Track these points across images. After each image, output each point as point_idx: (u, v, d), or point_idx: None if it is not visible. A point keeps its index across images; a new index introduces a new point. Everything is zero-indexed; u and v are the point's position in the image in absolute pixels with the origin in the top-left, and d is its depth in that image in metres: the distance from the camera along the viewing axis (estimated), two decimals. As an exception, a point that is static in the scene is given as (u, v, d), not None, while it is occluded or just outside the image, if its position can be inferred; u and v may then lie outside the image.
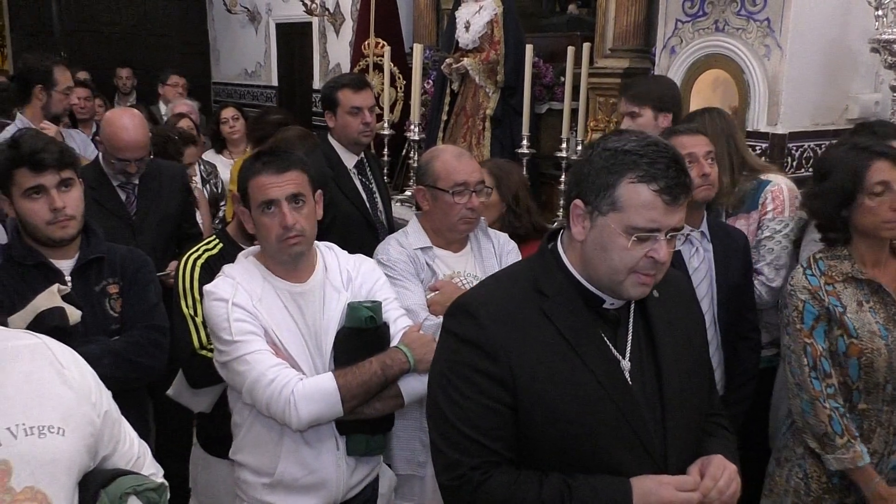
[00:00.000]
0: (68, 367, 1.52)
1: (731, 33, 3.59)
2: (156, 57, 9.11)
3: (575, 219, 1.60)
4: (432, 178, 2.64)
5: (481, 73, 4.92)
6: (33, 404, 1.44)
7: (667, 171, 1.49)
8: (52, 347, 1.53)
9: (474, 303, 1.65)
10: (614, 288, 1.58)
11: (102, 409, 1.56)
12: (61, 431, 1.45)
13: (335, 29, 7.46)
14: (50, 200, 2.24)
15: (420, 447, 2.67)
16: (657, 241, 1.52)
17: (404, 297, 2.54)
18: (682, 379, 1.66)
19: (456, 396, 1.59)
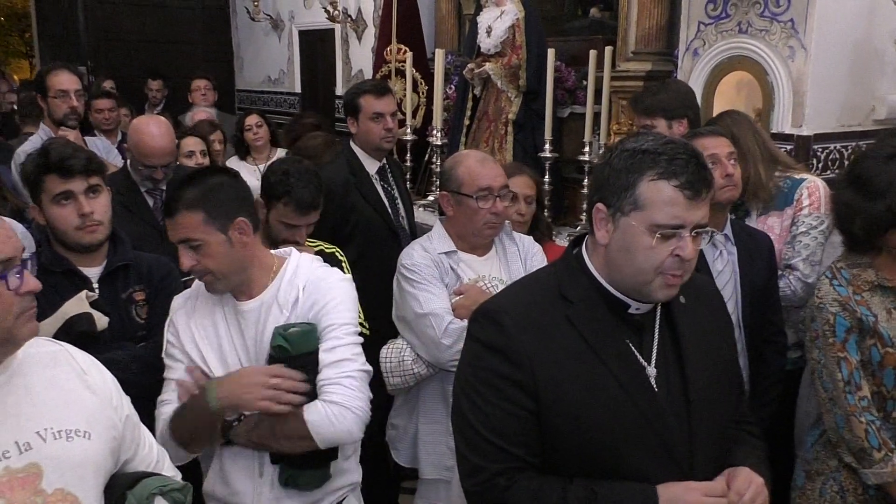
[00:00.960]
0: (90, 372, 1.57)
1: (754, 35, 3.56)
2: (180, 65, 9.19)
3: (598, 222, 1.59)
4: (456, 184, 2.65)
5: (503, 77, 4.92)
6: (60, 409, 1.48)
7: (686, 166, 1.50)
8: (73, 353, 1.58)
9: (498, 309, 1.65)
10: (641, 290, 1.57)
11: (124, 413, 1.60)
12: (87, 435, 1.49)
13: (357, 35, 7.50)
14: (78, 206, 2.28)
15: (447, 451, 2.66)
16: (682, 239, 1.51)
17: (428, 301, 2.56)
18: (708, 386, 1.64)
19: (480, 402, 1.59)
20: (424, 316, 2.56)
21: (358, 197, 3.44)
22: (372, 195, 3.50)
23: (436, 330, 2.53)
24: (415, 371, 2.65)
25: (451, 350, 2.50)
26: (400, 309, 2.71)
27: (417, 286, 2.60)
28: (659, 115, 3.15)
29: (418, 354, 2.63)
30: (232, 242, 1.99)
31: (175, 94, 7.92)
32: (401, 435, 2.82)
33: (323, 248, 2.89)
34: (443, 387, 2.66)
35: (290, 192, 2.65)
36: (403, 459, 2.83)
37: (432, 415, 2.71)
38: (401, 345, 2.69)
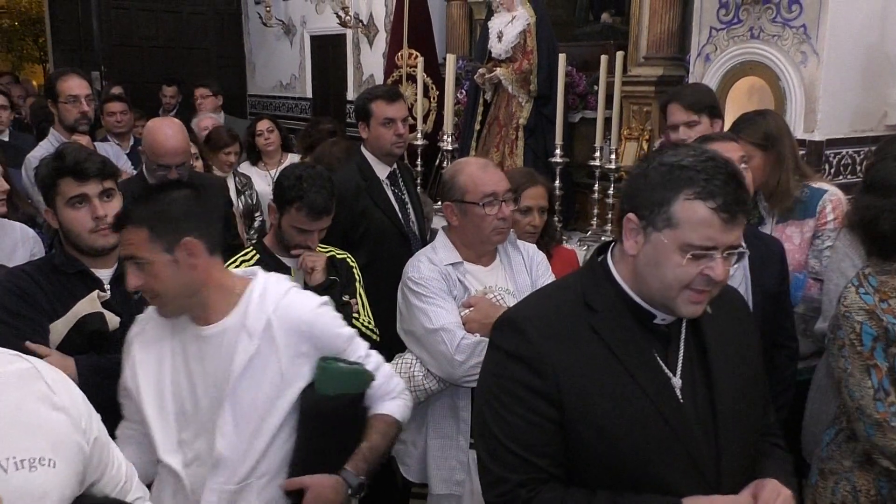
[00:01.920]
0: (59, 392, 1.48)
1: (766, 40, 3.56)
2: (193, 70, 9.25)
3: (628, 233, 1.56)
4: (460, 193, 2.59)
5: (514, 82, 4.93)
6: (24, 436, 1.40)
7: (725, 187, 1.45)
8: (42, 372, 1.49)
9: (521, 317, 1.63)
10: (667, 304, 1.55)
11: (92, 435, 1.52)
12: (52, 463, 1.42)
13: (369, 40, 7.53)
14: (92, 209, 2.29)
15: (457, 466, 2.62)
16: (713, 259, 1.48)
17: (439, 316, 2.50)
18: (735, 397, 1.62)
19: (502, 412, 1.57)
20: (435, 331, 2.49)
21: (369, 202, 3.44)
22: (383, 200, 3.50)
23: (448, 346, 2.46)
24: (426, 386, 2.58)
25: (464, 366, 2.45)
26: (407, 323, 2.63)
27: (426, 300, 2.53)
28: (705, 113, 3.14)
29: (429, 370, 2.57)
30: (179, 263, 1.86)
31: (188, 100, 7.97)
32: (409, 450, 2.75)
33: (334, 253, 2.89)
34: (453, 401, 2.61)
35: (302, 197, 2.63)
36: (412, 475, 2.77)
37: (442, 430, 2.64)
38: (410, 360, 2.62)
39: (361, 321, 2.75)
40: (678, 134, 3.16)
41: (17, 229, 3.06)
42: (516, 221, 2.99)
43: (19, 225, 3.11)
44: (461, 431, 2.60)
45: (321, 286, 2.64)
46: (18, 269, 2.33)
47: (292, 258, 2.72)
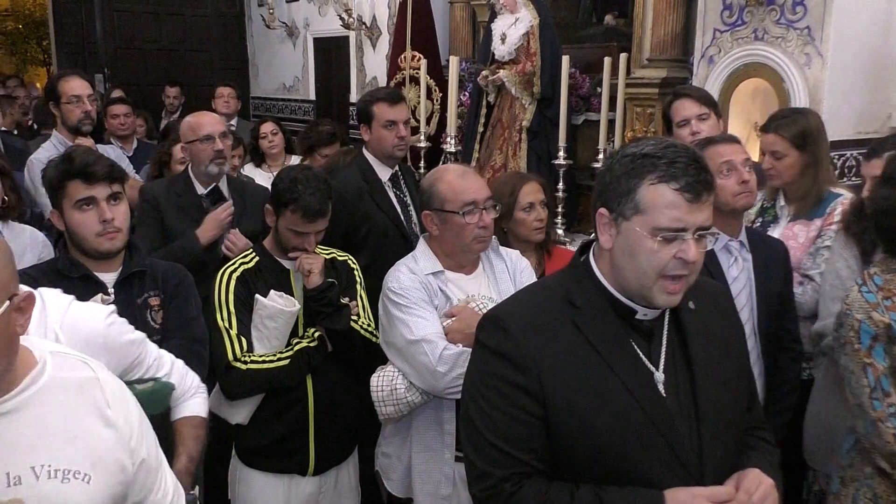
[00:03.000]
0: (114, 406, 1.48)
1: (770, 42, 3.55)
2: (196, 72, 9.28)
3: (601, 228, 1.59)
4: (439, 202, 2.53)
5: (517, 84, 4.93)
6: (65, 445, 1.40)
7: (686, 169, 1.49)
8: (103, 383, 1.49)
9: (505, 315, 1.65)
10: (644, 294, 1.57)
11: (139, 456, 1.51)
12: (87, 478, 1.41)
13: (372, 42, 7.53)
14: (100, 212, 2.29)
15: (442, 479, 2.58)
16: (685, 241, 1.51)
17: (420, 327, 2.44)
18: (718, 391, 1.63)
19: (487, 408, 1.59)
20: (417, 342, 2.41)
21: (371, 204, 3.44)
22: (384, 202, 3.50)
23: (430, 357, 2.38)
24: (408, 399, 2.50)
25: (447, 377, 2.38)
26: (388, 335, 2.55)
27: (407, 311, 2.47)
28: (712, 108, 3.17)
29: (411, 382, 2.49)
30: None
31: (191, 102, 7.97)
32: (394, 464, 2.70)
33: (335, 254, 2.89)
34: (437, 414, 2.55)
35: (297, 199, 2.61)
36: (397, 489, 2.71)
37: (426, 442, 2.59)
38: (391, 372, 2.54)
39: (361, 323, 2.74)
40: (690, 128, 3.15)
41: (26, 233, 3.07)
42: (522, 221, 2.98)
43: (29, 229, 3.12)
44: (446, 444, 2.55)
45: (318, 288, 2.63)
46: (22, 273, 2.31)
47: (291, 260, 2.72)
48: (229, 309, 2.61)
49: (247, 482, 2.76)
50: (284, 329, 2.62)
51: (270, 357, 2.60)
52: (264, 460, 2.74)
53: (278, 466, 2.73)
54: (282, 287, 2.68)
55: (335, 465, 2.82)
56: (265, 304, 2.58)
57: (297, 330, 2.69)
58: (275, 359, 2.60)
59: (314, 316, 2.67)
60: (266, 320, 2.59)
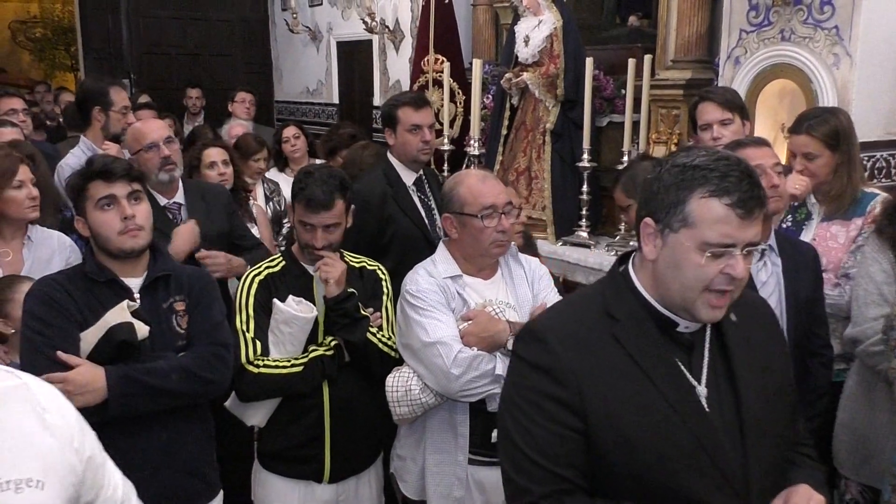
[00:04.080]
0: (50, 410, 1.43)
1: (797, 42, 3.51)
2: (220, 76, 9.33)
3: (646, 238, 1.55)
4: (459, 205, 2.55)
5: (541, 87, 4.91)
6: (11, 456, 1.35)
7: (739, 184, 1.45)
8: (33, 389, 1.44)
9: (543, 327, 1.63)
10: (687, 307, 1.53)
11: (85, 454, 1.48)
12: (40, 485, 1.36)
13: (395, 46, 7.53)
14: (121, 210, 2.32)
15: (455, 482, 2.59)
16: (733, 257, 1.47)
17: (436, 329, 2.46)
18: (762, 406, 1.59)
19: (525, 423, 1.55)
20: (432, 345, 2.45)
21: (395, 208, 3.44)
22: (409, 206, 3.50)
23: (444, 359, 2.42)
24: (423, 400, 2.53)
25: (461, 380, 2.42)
26: (405, 336, 2.60)
27: (424, 313, 2.50)
28: (737, 112, 3.13)
29: (426, 384, 2.53)
30: None
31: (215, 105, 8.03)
32: (408, 466, 2.72)
33: (365, 263, 2.87)
34: (450, 416, 2.57)
35: (304, 189, 2.61)
36: (412, 492, 2.73)
37: (440, 444, 2.61)
38: (407, 373, 2.58)
39: (381, 336, 2.71)
40: (712, 132, 3.13)
41: (54, 238, 3.11)
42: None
43: (56, 233, 3.16)
44: (459, 447, 2.57)
45: (336, 298, 2.62)
46: (49, 279, 2.35)
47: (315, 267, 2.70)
48: (248, 312, 2.63)
49: (265, 485, 2.78)
50: (300, 335, 2.62)
51: (284, 363, 2.60)
52: (281, 464, 2.74)
53: (294, 471, 2.73)
54: (304, 293, 2.67)
55: (354, 474, 2.80)
56: (281, 309, 2.58)
57: (316, 337, 2.68)
58: (288, 364, 2.60)
59: (333, 325, 2.67)
60: (282, 325, 2.60)
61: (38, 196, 3.02)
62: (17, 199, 2.95)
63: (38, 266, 2.95)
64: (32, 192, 3.00)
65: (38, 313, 2.21)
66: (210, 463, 2.53)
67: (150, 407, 2.25)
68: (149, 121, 3.79)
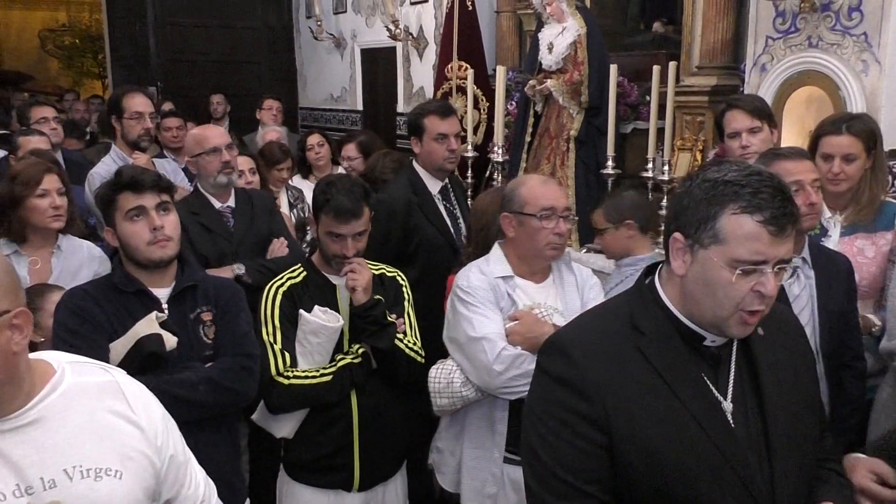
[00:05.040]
0: (136, 407, 1.53)
1: (825, 49, 3.47)
2: (246, 84, 9.41)
3: (675, 252, 1.54)
4: (519, 204, 2.61)
5: (565, 94, 4.89)
6: (93, 445, 1.45)
7: (772, 200, 1.43)
8: (123, 385, 1.54)
9: (568, 340, 1.62)
10: (717, 325, 1.52)
11: (167, 452, 1.56)
12: (118, 474, 1.47)
13: (419, 53, 7.55)
14: (150, 220, 2.35)
15: (490, 478, 2.63)
16: (764, 274, 1.45)
17: (482, 325, 2.52)
18: (789, 421, 1.58)
19: (549, 437, 1.55)
20: (477, 340, 2.51)
21: (421, 217, 3.45)
22: (434, 215, 3.51)
23: (488, 355, 2.48)
24: (463, 394, 2.60)
25: (502, 377, 2.47)
26: (451, 330, 2.66)
27: (472, 309, 2.56)
28: (765, 120, 3.10)
29: (468, 378, 2.59)
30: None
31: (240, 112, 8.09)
32: (446, 459, 2.78)
33: (384, 270, 2.89)
34: (490, 412, 2.62)
35: (329, 200, 2.64)
36: (448, 484, 2.79)
37: (478, 440, 2.66)
38: (450, 366, 2.65)
39: (406, 341, 2.74)
40: (740, 141, 3.09)
41: (84, 248, 3.16)
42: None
43: (86, 244, 3.21)
44: (496, 444, 2.61)
45: (363, 306, 2.64)
46: (79, 289, 2.38)
47: (338, 275, 2.72)
48: (274, 324, 2.64)
49: (293, 495, 2.79)
50: (328, 345, 2.64)
51: (313, 373, 2.62)
52: (309, 474, 2.76)
53: (323, 481, 2.75)
54: (327, 302, 2.69)
55: (381, 482, 2.82)
56: (308, 320, 2.60)
57: (342, 346, 2.70)
58: (317, 374, 2.62)
59: (359, 333, 2.68)
60: (309, 336, 2.61)
61: (64, 206, 3.06)
62: (39, 208, 3.01)
63: (66, 275, 3.01)
64: (56, 202, 3.04)
65: (69, 324, 2.24)
66: (237, 472, 2.56)
67: (178, 418, 2.22)
68: (210, 126, 3.86)
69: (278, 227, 3.62)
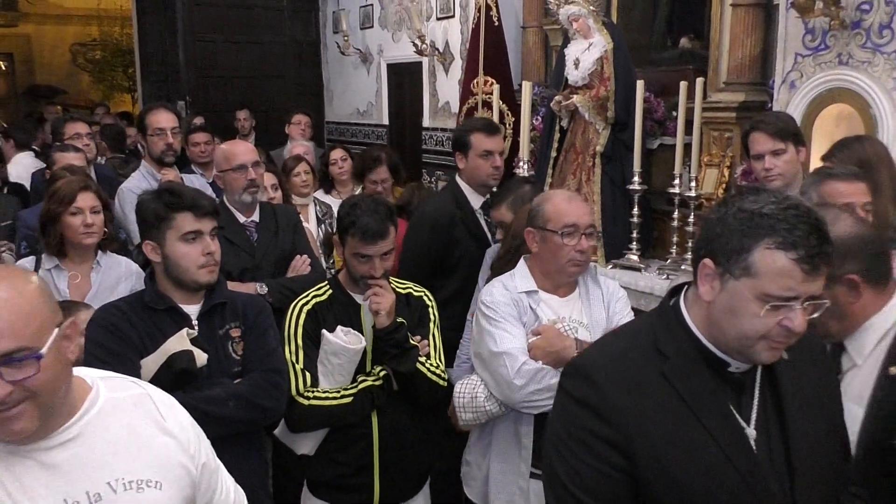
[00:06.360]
0: (168, 418, 1.58)
1: (855, 66, 3.44)
2: (273, 98, 9.50)
3: (703, 278, 1.53)
4: (542, 220, 2.64)
5: (591, 109, 4.88)
6: (133, 458, 1.50)
7: (807, 238, 1.41)
8: (154, 398, 1.59)
9: (591, 364, 1.61)
10: (742, 352, 1.51)
11: (200, 460, 1.60)
12: (159, 485, 1.50)
13: (444, 68, 7.59)
14: (205, 245, 2.39)
15: (517, 492, 2.63)
16: (792, 310, 1.44)
17: (504, 340, 2.54)
18: (812, 447, 1.57)
19: (572, 461, 1.55)
20: (499, 355, 2.54)
21: (463, 231, 3.52)
22: (476, 229, 3.58)
23: (509, 369, 2.50)
24: (487, 408, 2.63)
25: (523, 391, 2.49)
26: (476, 345, 2.70)
27: (495, 324, 2.58)
28: (790, 140, 3.09)
29: (491, 392, 2.62)
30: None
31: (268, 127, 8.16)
32: (474, 472, 2.81)
33: (412, 290, 2.89)
34: (516, 427, 2.64)
35: (355, 221, 2.64)
36: (475, 496, 2.82)
37: (505, 454, 2.68)
38: (475, 381, 2.69)
39: (429, 364, 2.73)
40: (763, 163, 3.09)
41: (122, 264, 3.23)
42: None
43: (125, 260, 3.28)
44: (523, 458, 2.62)
45: (385, 329, 2.64)
46: (111, 306, 2.42)
47: (363, 294, 2.72)
48: (297, 343, 2.66)
49: None
50: (349, 366, 2.65)
51: (334, 393, 2.63)
52: (330, 492, 2.77)
53: (344, 500, 2.76)
54: (351, 322, 2.70)
55: (402, 502, 2.83)
56: (330, 340, 2.61)
57: (364, 366, 2.71)
58: (338, 395, 2.63)
59: (381, 354, 2.69)
60: (331, 356, 2.62)
61: (96, 223, 3.11)
62: (72, 225, 3.07)
63: (103, 290, 3.08)
64: (88, 220, 3.09)
65: (102, 341, 2.27)
66: (264, 487, 2.58)
67: (208, 434, 2.22)
68: (238, 143, 3.93)
69: (301, 243, 3.65)
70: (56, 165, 4.30)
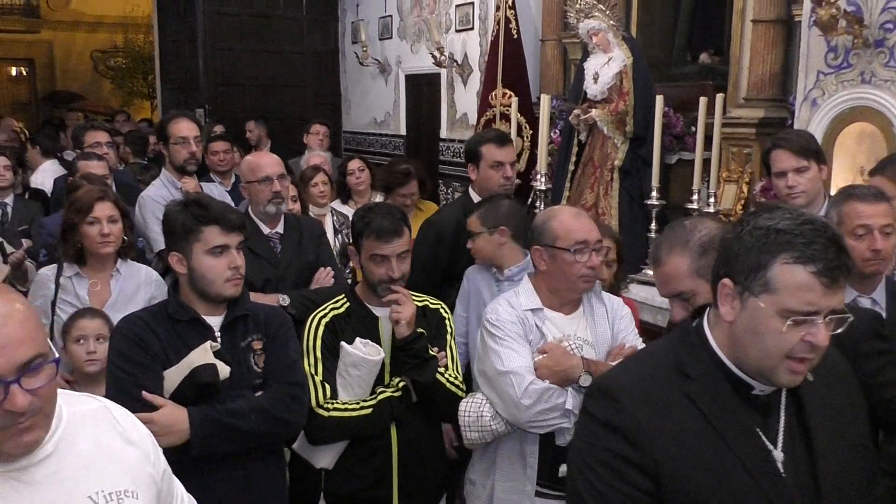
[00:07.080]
0: (129, 428, 1.57)
1: (878, 85, 3.44)
2: (291, 108, 9.55)
3: (723, 298, 1.52)
4: (551, 238, 2.60)
5: (610, 124, 4.89)
6: (106, 470, 1.48)
7: (825, 251, 1.41)
8: (111, 410, 1.58)
9: (615, 385, 1.60)
10: (764, 373, 1.50)
11: (161, 467, 1.60)
12: (135, 495, 1.50)
13: (463, 80, 7.61)
14: (231, 259, 2.40)
15: None
16: (815, 325, 1.43)
17: (510, 359, 2.50)
18: (839, 469, 1.55)
19: (596, 483, 1.53)
20: (505, 374, 2.50)
21: (468, 240, 3.51)
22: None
23: (515, 389, 2.46)
24: (492, 427, 2.59)
25: (530, 411, 2.45)
26: (481, 363, 2.65)
27: (500, 342, 2.55)
28: (812, 158, 3.07)
29: (497, 411, 2.57)
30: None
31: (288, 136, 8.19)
32: (478, 491, 2.75)
33: (428, 302, 2.89)
34: (521, 446, 2.60)
35: (369, 223, 2.66)
36: None
37: (509, 473, 2.63)
38: (480, 399, 2.64)
39: (448, 375, 2.73)
40: (786, 181, 3.07)
41: (142, 273, 3.24)
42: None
43: (145, 268, 3.30)
44: (528, 477, 2.59)
45: (406, 339, 2.64)
46: (135, 316, 2.43)
47: (382, 307, 2.72)
48: (316, 355, 2.66)
49: None
50: (368, 377, 2.65)
51: (353, 405, 2.63)
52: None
53: None
54: (370, 334, 2.70)
55: None
56: (349, 352, 2.61)
57: (383, 378, 2.70)
58: (357, 407, 2.63)
59: (400, 365, 2.69)
60: (350, 368, 2.62)
61: (114, 233, 3.13)
62: (89, 235, 3.09)
63: (123, 298, 3.10)
64: (104, 229, 3.10)
65: (126, 352, 2.28)
66: (283, 500, 2.57)
67: (230, 448, 2.29)
68: (264, 154, 3.94)
69: (326, 255, 3.66)
70: (79, 173, 4.33)
